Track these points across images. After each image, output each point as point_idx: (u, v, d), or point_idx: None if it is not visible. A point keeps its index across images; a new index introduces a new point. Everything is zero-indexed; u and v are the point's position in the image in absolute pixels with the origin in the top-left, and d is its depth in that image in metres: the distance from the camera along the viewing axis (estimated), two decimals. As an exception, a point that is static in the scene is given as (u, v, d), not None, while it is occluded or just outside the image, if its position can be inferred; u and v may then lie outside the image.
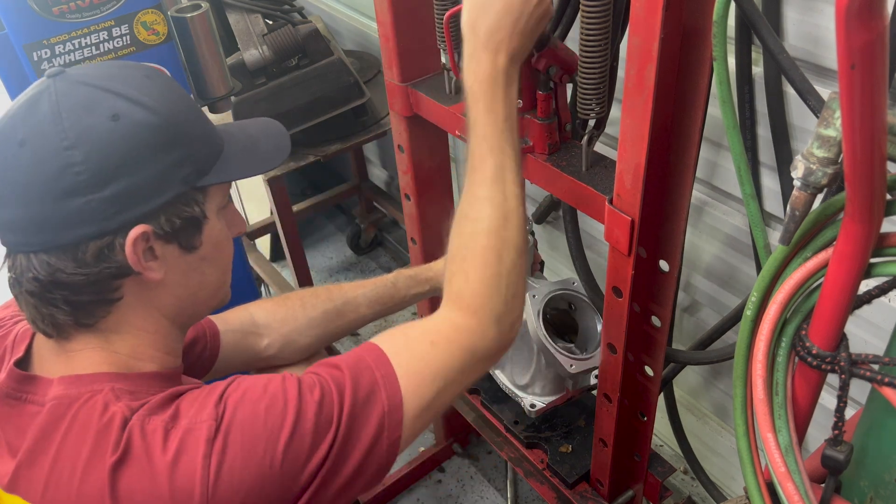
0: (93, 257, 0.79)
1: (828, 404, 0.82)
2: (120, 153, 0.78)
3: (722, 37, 0.79)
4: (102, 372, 0.86)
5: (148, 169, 0.80)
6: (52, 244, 0.78)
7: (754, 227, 0.90)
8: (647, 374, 1.23)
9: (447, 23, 1.20)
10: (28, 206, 0.78)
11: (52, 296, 0.80)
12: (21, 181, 0.78)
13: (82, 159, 0.77)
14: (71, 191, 0.77)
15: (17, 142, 0.78)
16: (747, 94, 1.29)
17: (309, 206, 2.85)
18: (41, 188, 0.77)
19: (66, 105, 0.79)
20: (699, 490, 2.02)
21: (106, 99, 0.80)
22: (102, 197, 0.78)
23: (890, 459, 0.79)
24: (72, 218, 0.77)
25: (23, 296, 0.82)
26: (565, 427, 1.56)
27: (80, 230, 0.78)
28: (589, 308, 1.43)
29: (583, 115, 1.06)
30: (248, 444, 0.79)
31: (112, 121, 0.78)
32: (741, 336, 0.84)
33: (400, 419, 0.86)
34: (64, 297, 0.81)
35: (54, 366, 0.88)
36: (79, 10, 1.24)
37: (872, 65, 0.52)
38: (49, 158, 0.77)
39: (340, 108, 2.04)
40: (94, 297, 0.82)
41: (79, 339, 0.86)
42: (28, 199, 0.78)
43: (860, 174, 0.61)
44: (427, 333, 0.91)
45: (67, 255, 0.79)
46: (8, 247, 0.82)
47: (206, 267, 0.91)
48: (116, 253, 0.79)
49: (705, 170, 1.52)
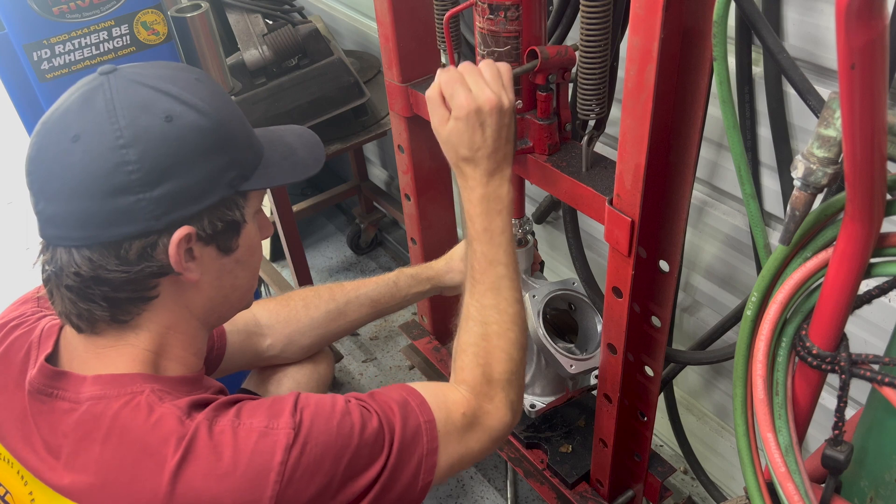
0: (136, 255, 0.80)
1: (828, 404, 0.82)
2: (172, 154, 0.79)
3: (722, 37, 0.79)
4: (137, 372, 0.86)
5: (197, 171, 0.81)
6: (95, 240, 0.79)
7: (754, 227, 0.90)
8: (647, 375, 1.23)
9: (447, 23, 1.20)
10: (76, 200, 0.78)
11: (91, 291, 0.81)
12: (72, 176, 0.77)
13: (136, 158, 0.77)
14: (122, 188, 0.77)
15: (71, 137, 0.78)
16: (747, 94, 1.29)
17: (309, 206, 2.85)
18: (92, 184, 0.77)
19: (122, 103, 0.79)
20: (699, 490, 2.02)
21: (160, 99, 0.80)
22: (152, 197, 0.78)
23: (890, 459, 0.79)
24: (120, 215, 0.78)
25: (60, 290, 0.83)
26: (565, 427, 1.56)
27: (127, 228, 0.78)
28: (589, 308, 1.43)
29: (583, 116, 1.06)
30: (320, 455, 0.84)
31: (166, 122, 0.79)
32: (741, 336, 0.84)
33: (434, 464, 0.93)
34: (103, 294, 0.81)
35: (86, 363, 0.88)
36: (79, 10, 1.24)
37: (872, 65, 0.52)
38: (103, 155, 0.77)
39: (340, 108, 2.03)
40: (132, 294, 0.83)
41: (111, 335, 0.86)
42: (77, 194, 0.77)
43: (860, 174, 0.61)
44: (459, 405, 0.99)
45: (110, 252, 0.79)
46: (48, 240, 0.82)
47: (240, 270, 0.93)
48: (158, 252, 0.81)
49: (705, 169, 1.52)
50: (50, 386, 0.86)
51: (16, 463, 0.88)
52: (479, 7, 1.06)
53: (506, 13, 1.04)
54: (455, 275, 1.43)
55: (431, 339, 1.85)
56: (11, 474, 0.89)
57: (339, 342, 2.71)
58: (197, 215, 0.82)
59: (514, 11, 1.04)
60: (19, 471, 0.88)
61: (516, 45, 1.07)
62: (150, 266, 0.81)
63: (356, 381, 2.57)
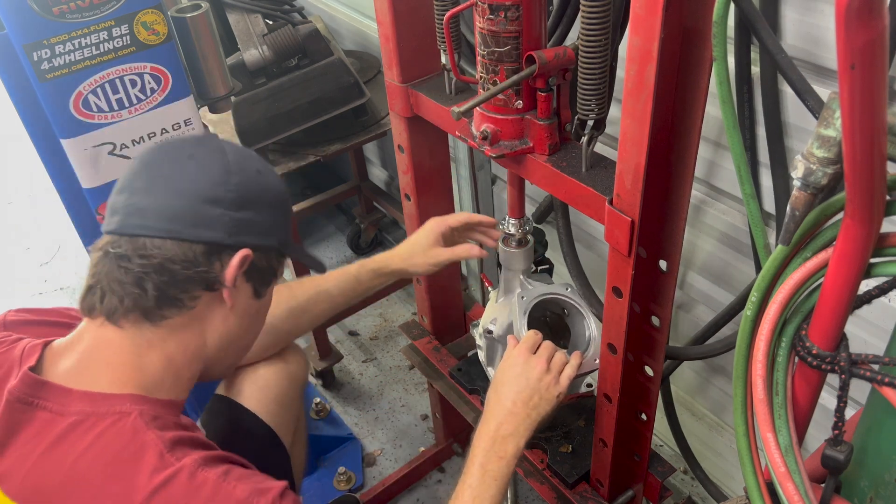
0: (202, 256, 0.92)
1: (828, 404, 0.82)
2: (258, 194, 0.98)
3: (722, 37, 0.79)
4: (127, 393, 0.91)
5: (268, 216, 0.99)
6: (177, 234, 0.91)
7: (754, 227, 0.90)
8: (647, 374, 1.23)
9: (447, 23, 1.20)
10: (176, 198, 0.92)
11: (148, 278, 0.90)
12: (180, 179, 0.93)
13: (235, 184, 0.95)
14: (216, 200, 0.93)
15: (187, 155, 0.96)
16: (746, 94, 1.29)
17: (309, 206, 2.85)
18: (195, 190, 0.92)
19: (229, 148, 0.99)
20: (699, 490, 2.02)
21: (253, 158, 1.02)
22: (234, 216, 0.94)
23: (890, 459, 0.79)
24: (206, 220, 0.92)
25: (114, 272, 0.91)
26: (565, 427, 1.56)
27: (206, 233, 0.92)
28: (580, 315, 1.42)
29: (583, 116, 1.06)
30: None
31: (257, 174, 0.99)
32: (741, 336, 0.84)
33: None
34: (157, 284, 0.91)
35: (78, 375, 0.92)
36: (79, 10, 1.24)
37: (872, 65, 0.52)
38: (212, 172, 0.94)
39: (340, 108, 2.03)
40: (179, 292, 0.93)
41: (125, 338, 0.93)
42: (179, 194, 0.92)
43: (860, 174, 0.61)
44: None
45: (183, 248, 0.91)
46: (126, 229, 0.92)
47: (255, 321, 1.07)
48: (216, 262, 0.94)
49: (703, 169, 1.52)
50: (32, 395, 0.89)
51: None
52: (480, 7, 1.06)
53: (506, 13, 1.04)
54: (418, 267, 1.44)
55: (431, 339, 1.85)
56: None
57: (340, 342, 2.71)
58: (256, 247, 0.97)
59: (514, 11, 1.04)
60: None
61: (516, 45, 1.07)
62: (207, 273, 0.93)
63: (356, 381, 2.57)
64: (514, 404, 1.15)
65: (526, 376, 1.17)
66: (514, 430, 1.13)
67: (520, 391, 1.16)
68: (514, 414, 1.14)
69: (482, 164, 2.05)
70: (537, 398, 1.16)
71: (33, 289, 3.17)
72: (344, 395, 2.52)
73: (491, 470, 1.10)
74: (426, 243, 1.42)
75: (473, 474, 1.10)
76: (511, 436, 1.13)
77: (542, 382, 1.17)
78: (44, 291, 3.15)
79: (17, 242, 3.48)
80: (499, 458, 1.11)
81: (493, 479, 1.09)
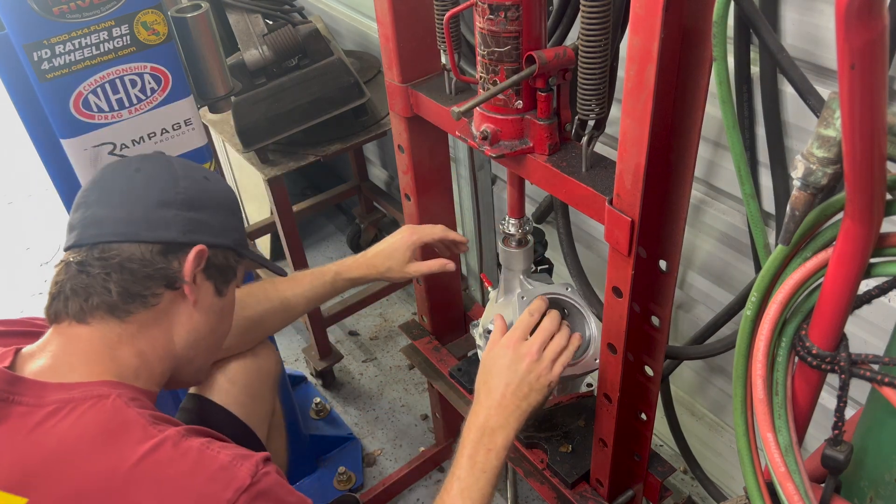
0: (159, 255, 0.97)
1: (828, 404, 0.82)
2: (207, 197, 1.05)
3: (722, 37, 0.79)
4: (103, 380, 0.93)
5: (219, 217, 1.05)
6: (134, 237, 0.96)
7: (754, 227, 0.90)
8: (647, 374, 1.23)
9: (447, 23, 1.20)
10: (130, 206, 0.98)
11: (109, 278, 0.95)
12: (131, 189, 1.00)
13: (184, 188, 1.02)
14: (168, 203, 0.99)
15: (134, 169, 1.03)
16: (746, 94, 1.30)
17: (309, 206, 2.85)
18: (147, 196, 0.99)
19: (175, 160, 1.07)
20: (699, 490, 2.02)
21: (198, 167, 1.10)
22: (187, 216, 1.00)
23: (890, 459, 0.79)
24: (160, 222, 0.98)
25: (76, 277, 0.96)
26: (565, 427, 1.56)
27: (162, 233, 0.98)
28: (580, 315, 1.42)
29: (583, 116, 1.06)
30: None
31: (204, 179, 1.07)
32: (741, 336, 0.84)
33: None
34: (120, 281, 0.95)
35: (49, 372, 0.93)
36: (79, 10, 1.24)
37: (872, 65, 0.52)
38: (161, 179, 1.01)
39: (340, 108, 2.03)
40: (141, 289, 0.97)
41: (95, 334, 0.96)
42: (132, 201, 0.99)
43: (860, 174, 0.61)
44: None
45: (141, 248, 0.96)
46: (85, 240, 0.98)
47: (221, 319, 1.10)
48: (174, 262, 0.99)
49: (703, 168, 1.52)
50: (7, 391, 0.89)
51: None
52: (480, 7, 1.06)
53: (506, 13, 1.04)
54: (394, 278, 1.51)
55: (431, 339, 1.85)
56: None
57: (340, 342, 2.71)
58: (211, 245, 1.02)
59: (514, 11, 1.04)
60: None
61: (516, 46, 1.07)
62: (165, 269, 0.98)
63: (356, 380, 2.57)
64: (504, 396, 1.12)
65: (515, 367, 1.14)
66: (503, 423, 1.11)
67: (508, 382, 1.13)
68: (503, 406, 1.12)
69: (482, 164, 2.05)
70: (527, 389, 1.13)
71: (33, 289, 3.17)
72: (344, 395, 2.52)
73: (480, 462, 1.08)
74: (402, 258, 1.47)
75: (462, 466, 1.09)
76: (501, 427, 1.11)
77: (532, 374, 1.14)
78: (44, 291, 3.15)
79: (17, 242, 3.48)
80: (487, 450, 1.09)
81: (482, 472, 1.08)
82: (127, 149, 1.40)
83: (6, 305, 3.08)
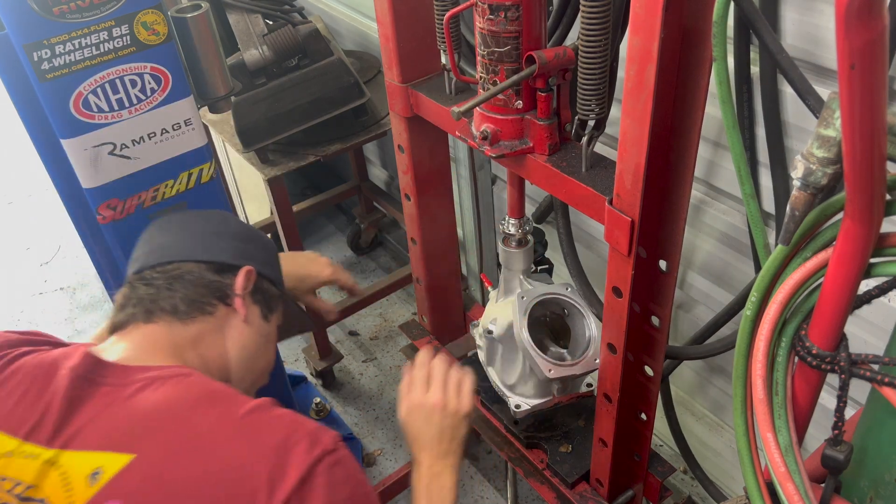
0: (213, 272, 1.10)
1: (828, 404, 0.82)
2: (255, 235, 1.22)
3: (722, 37, 0.79)
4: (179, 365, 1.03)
5: (263, 253, 1.20)
6: (191, 257, 1.11)
7: (754, 227, 0.90)
8: (647, 374, 1.23)
9: (447, 23, 1.20)
10: (187, 235, 1.15)
11: (172, 286, 1.07)
12: (187, 224, 1.18)
13: (234, 225, 1.21)
14: (221, 234, 1.17)
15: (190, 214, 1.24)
16: (745, 94, 1.30)
17: (309, 206, 2.85)
18: (202, 229, 1.17)
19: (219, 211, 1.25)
20: (699, 490, 2.02)
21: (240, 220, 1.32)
22: (237, 245, 1.15)
23: (890, 459, 0.79)
24: (214, 247, 1.14)
25: (141, 289, 1.08)
26: (565, 427, 1.56)
27: (216, 254, 1.12)
28: (580, 315, 1.42)
29: (583, 116, 1.06)
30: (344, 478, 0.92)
31: (248, 227, 1.26)
32: (741, 336, 0.84)
33: None
34: (181, 289, 1.07)
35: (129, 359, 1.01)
36: (79, 10, 1.24)
37: (872, 65, 0.52)
38: (214, 218, 1.20)
39: (340, 108, 2.03)
40: (199, 298, 1.08)
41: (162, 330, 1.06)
42: (190, 232, 1.15)
43: (860, 174, 0.61)
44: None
45: (198, 266, 1.10)
46: (146, 265, 1.10)
47: (267, 343, 1.19)
48: (227, 279, 1.11)
49: (703, 169, 1.52)
50: (93, 373, 0.96)
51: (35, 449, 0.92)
52: (480, 7, 1.06)
53: (506, 13, 1.04)
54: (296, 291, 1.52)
55: (431, 338, 1.85)
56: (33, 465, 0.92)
57: (340, 342, 2.71)
58: (258, 274, 1.15)
59: (514, 12, 1.04)
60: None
61: (516, 46, 1.07)
62: (219, 283, 1.10)
63: (356, 380, 2.57)
64: (432, 448, 1.20)
65: (430, 419, 1.21)
66: (443, 465, 1.18)
67: (432, 437, 1.20)
68: (438, 454, 1.19)
69: (482, 164, 2.05)
70: (450, 430, 1.21)
71: (33, 289, 3.17)
72: (344, 395, 2.52)
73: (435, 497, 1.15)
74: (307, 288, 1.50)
75: None
76: (444, 469, 1.18)
77: (447, 417, 1.21)
78: (44, 291, 3.15)
79: (17, 242, 3.48)
80: (440, 487, 1.17)
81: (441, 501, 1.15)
82: (127, 149, 1.40)
83: (6, 305, 3.08)
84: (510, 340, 1.42)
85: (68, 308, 3.03)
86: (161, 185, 1.48)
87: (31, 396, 0.95)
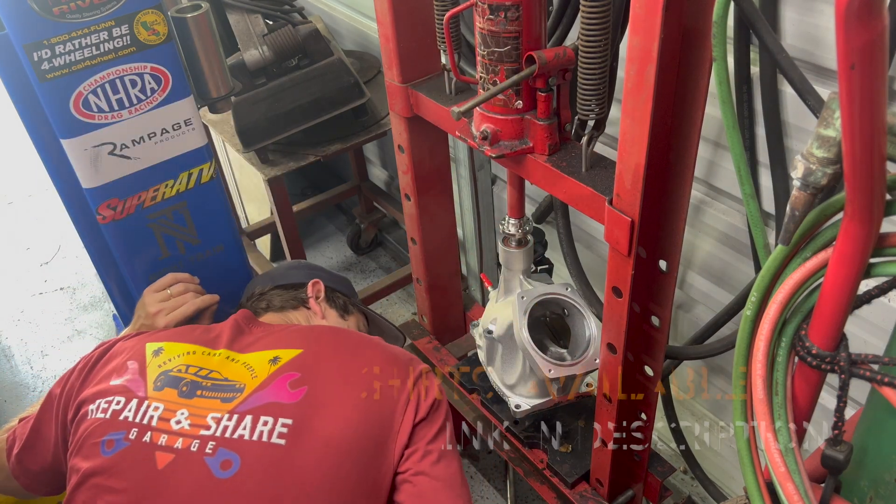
0: (292, 289, 1.44)
1: (828, 404, 0.82)
2: (323, 266, 1.58)
3: (722, 37, 0.79)
4: None
5: (333, 277, 1.53)
6: (279, 284, 1.45)
7: (754, 227, 0.90)
8: (646, 374, 1.23)
9: (447, 23, 1.20)
10: (273, 274, 1.51)
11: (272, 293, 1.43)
12: (272, 271, 1.54)
13: (305, 264, 1.60)
14: (295, 266, 1.55)
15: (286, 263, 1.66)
16: (745, 94, 1.29)
17: (309, 206, 2.85)
18: (281, 268, 1.55)
19: None
20: (699, 490, 2.02)
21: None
22: (308, 271, 1.51)
23: (890, 459, 0.79)
24: (291, 275, 1.49)
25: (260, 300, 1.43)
26: (565, 427, 1.56)
27: (296, 279, 1.47)
28: (580, 315, 1.42)
29: (583, 116, 1.06)
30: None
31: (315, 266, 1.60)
32: (741, 336, 0.84)
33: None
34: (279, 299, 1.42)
35: None
36: (79, 10, 1.24)
37: (872, 65, 0.52)
38: (289, 262, 1.72)
39: (340, 108, 2.03)
40: (291, 300, 1.42)
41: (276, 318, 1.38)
42: (274, 273, 1.51)
43: (860, 174, 0.61)
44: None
45: (283, 288, 1.44)
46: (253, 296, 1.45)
47: None
48: (301, 292, 1.44)
49: (702, 169, 1.52)
50: (244, 325, 1.27)
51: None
52: (480, 7, 1.06)
53: (506, 13, 1.04)
54: None
55: (431, 338, 1.85)
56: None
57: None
58: (326, 285, 1.47)
59: (514, 12, 1.04)
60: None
61: (516, 46, 1.07)
62: (298, 294, 1.43)
63: (356, 381, 2.57)
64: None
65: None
66: None
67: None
68: None
69: (482, 164, 2.05)
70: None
71: (33, 289, 3.17)
72: (344, 395, 2.52)
73: None
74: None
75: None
76: None
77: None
78: (44, 291, 3.15)
79: (17, 242, 3.48)
80: None
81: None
82: (127, 148, 1.40)
83: (6, 305, 3.08)
84: (510, 340, 1.42)
85: (68, 308, 3.03)
86: (161, 185, 1.48)
87: (200, 330, 1.25)
